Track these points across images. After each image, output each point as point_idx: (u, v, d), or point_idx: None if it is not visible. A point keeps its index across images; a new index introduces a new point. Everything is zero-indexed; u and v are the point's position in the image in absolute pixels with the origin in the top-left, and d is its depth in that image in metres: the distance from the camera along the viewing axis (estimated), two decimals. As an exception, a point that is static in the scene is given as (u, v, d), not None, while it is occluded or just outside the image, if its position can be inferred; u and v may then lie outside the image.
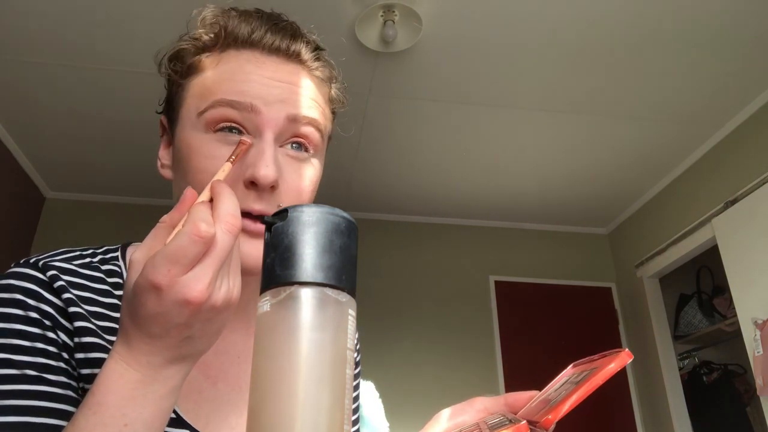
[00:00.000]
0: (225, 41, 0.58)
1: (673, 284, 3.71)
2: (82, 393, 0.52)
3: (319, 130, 0.59)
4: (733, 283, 2.82)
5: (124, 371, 0.42)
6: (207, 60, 0.58)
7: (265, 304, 0.37)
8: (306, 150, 0.58)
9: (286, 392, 0.35)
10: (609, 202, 3.75)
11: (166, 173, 0.61)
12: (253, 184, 0.54)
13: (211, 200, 0.45)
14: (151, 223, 0.65)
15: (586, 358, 0.51)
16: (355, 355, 0.66)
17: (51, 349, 0.50)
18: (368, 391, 1.75)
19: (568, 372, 0.52)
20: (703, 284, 3.68)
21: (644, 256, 3.59)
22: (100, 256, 0.60)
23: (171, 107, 0.60)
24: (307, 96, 0.58)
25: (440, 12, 2.27)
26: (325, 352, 0.36)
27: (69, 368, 0.51)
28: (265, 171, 0.53)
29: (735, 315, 2.86)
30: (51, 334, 0.51)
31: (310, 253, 0.37)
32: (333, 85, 0.64)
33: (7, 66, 2.56)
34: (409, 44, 2.39)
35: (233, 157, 0.51)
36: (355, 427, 0.71)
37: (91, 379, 0.51)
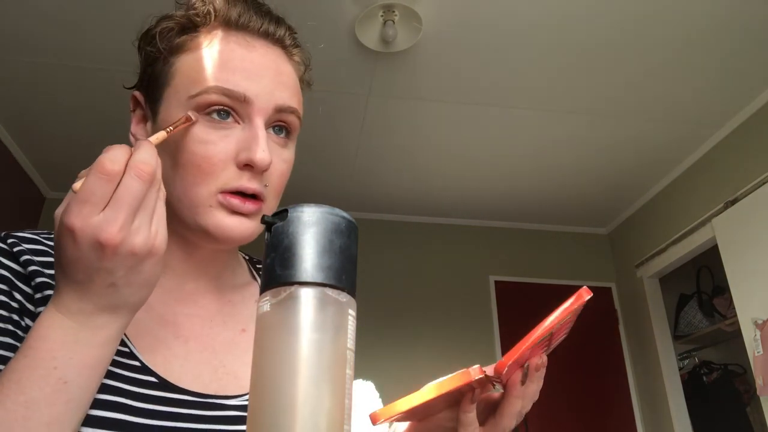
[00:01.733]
0: (214, 22, 0.60)
1: (673, 284, 3.71)
2: None
3: (298, 117, 0.62)
4: (733, 283, 2.82)
5: (57, 318, 0.44)
6: (195, 40, 0.59)
7: (265, 304, 0.37)
8: (287, 135, 0.62)
9: (286, 392, 0.35)
10: (609, 202, 3.75)
11: None
12: (247, 166, 0.56)
13: None
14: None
15: None
16: None
17: (0, 312, 0.51)
18: (368, 391, 1.75)
19: None
20: (703, 284, 3.68)
21: (644, 256, 3.59)
22: None
23: (153, 83, 0.61)
24: (291, 85, 0.61)
25: (440, 12, 2.27)
26: (325, 352, 0.36)
27: (19, 331, 0.51)
28: (262, 155, 0.55)
29: (735, 315, 2.86)
30: (3, 297, 0.52)
31: (310, 253, 0.37)
32: (306, 69, 0.67)
33: (7, 66, 2.56)
34: (409, 44, 2.39)
35: (171, 128, 0.53)
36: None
37: None
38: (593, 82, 2.66)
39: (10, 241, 0.56)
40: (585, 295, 0.48)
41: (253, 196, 0.57)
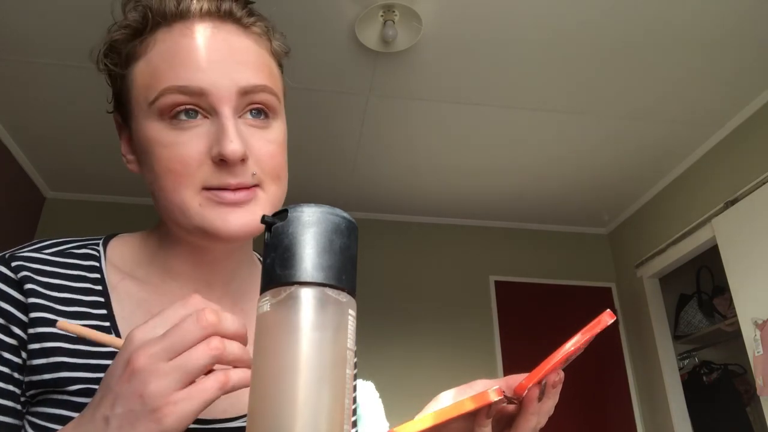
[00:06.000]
0: (154, 21, 0.56)
1: (673, 284, 3.71)
2: (27, 386, 0.52)
3: (272, 93, 0.57)
4: (733, 283, 2.82)
5: None
6: (142, 45, 0.56)
7: (265, 304, 0.37)
8: (266, 116, 0.57)
9: (286, 392, 0.35)
10: (609, 202, 3.75)
11: (133, 168, 0.61)
12: (222, 161, 0.53)
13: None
14: (151, 223, 0.65)
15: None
16: (355, 359, 0.65)
17: None
18: (368, 391, 1.75)
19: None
20: (703, 284, 3.68)
21: (644, 256, 3.59)
22: (78, 243, 0.61)
23: (120, 102, 0.59)
24: (251, 61, 0.56)
25: (440, 12, 2.27)
26: (325, 352, 0.36)
27: (6, 368, 0.51)
28: (232, 147, 0.52)
29: (735, 315, 2.86)
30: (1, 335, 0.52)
31: (310, 253, 0.37)
32: (272, 39, 0.61)
33: (7, 66, 2.56)
34: (409, 44, 2.39)
35: None
36: (354, 430, 0.71)
37: (43, 369, 0.51)
38: (593, 82, 2.66)
39: (15, 264, 0.54)
40: (608, 319, 0.47)
41: (239, 187, 0.54)
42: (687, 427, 3.29)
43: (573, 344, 0.47)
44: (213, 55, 0.54)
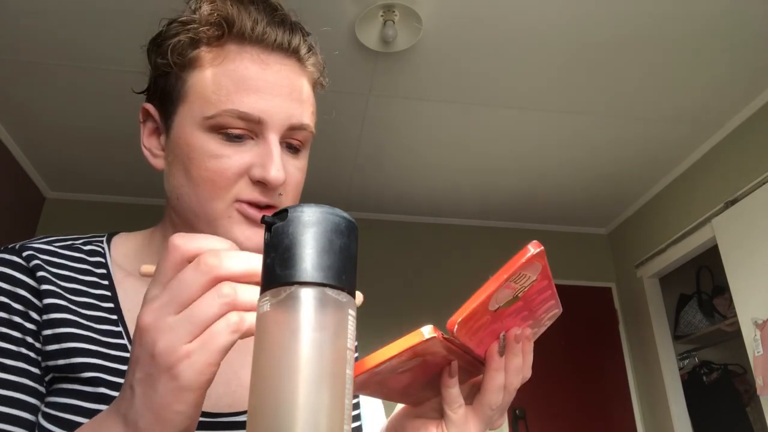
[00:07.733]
0: (228, 36, 0.57)
1: (673, 284, 3.71)
2: (44, 371, 0.53)
3: (311, 131, 0.62)
4: (733, 283, 2.82)
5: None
6: (208, 55, 0.57)
7: (265, 304, 0.37)
8: (300, 147, 0.62)
9: (286, 392, 0.35)
10: (609, 202, 3.75)
11: (159, 163, 0.61)
12: (261, 182, 0.56)
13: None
14: (150, 223, 0.65)
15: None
16: (355, 354, 0.65)
17: (14, 334, 0.52)
18: (368, 391, 1.75)
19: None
20: (703, 284, 3.68)
21: (644, 256, 3.59)
22: (83, 240, 0.63)
23: (166, 98, 0.60)
24: (304, 100, 0.60)
25: (440, 12, 2.27)
26: (325, 352, 0.36)
27: (32, 353, 0.52)
28: (277, 174, 0.55)
29: (735, 315, 2.86)
30: (17, 319, 0.52)
31: (310, 253, 0.37)
32: (322, 75, 0.65)
33: (7, 66, 2.56)
34: (409, 44, 2.39)
35: None
36: (356, 423, 0.71)
37: (56, 354, 0.52)
38: (593, 82, 2.66)
39: (26, 254, 0.56)
40: (532, 248, 0.47)
41: (268, 206, 0.57)
42: (687, 427, 3.29)
43: (501, 275, 0.46)
44: (276, 89, 0.57)
